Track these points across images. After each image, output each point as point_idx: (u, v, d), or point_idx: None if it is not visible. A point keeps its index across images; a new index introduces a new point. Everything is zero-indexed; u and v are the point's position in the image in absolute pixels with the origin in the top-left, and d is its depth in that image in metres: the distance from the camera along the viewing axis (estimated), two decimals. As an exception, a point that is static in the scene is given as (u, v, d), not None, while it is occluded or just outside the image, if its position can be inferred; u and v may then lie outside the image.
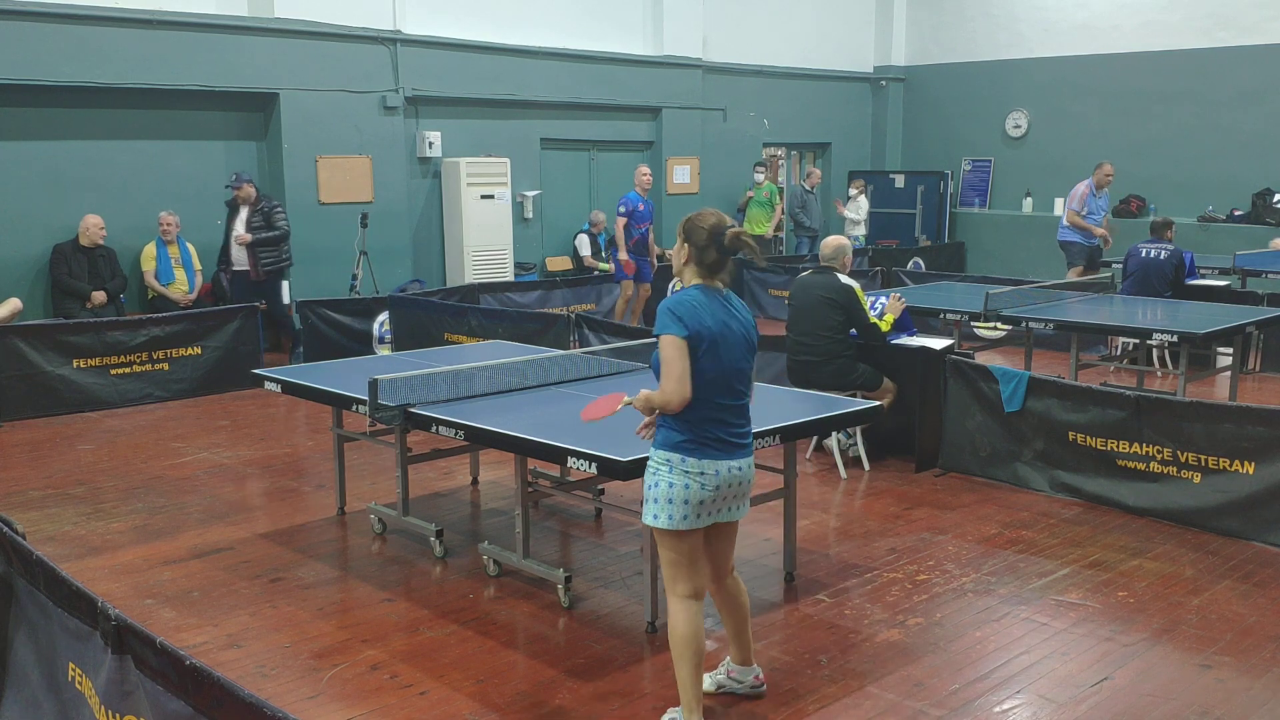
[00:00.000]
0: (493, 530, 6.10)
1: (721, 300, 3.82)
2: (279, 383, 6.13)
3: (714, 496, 3.81)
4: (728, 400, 3.80)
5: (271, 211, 10.44)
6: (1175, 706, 4.13)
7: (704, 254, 3.79)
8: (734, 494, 3.89)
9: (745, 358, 3.86)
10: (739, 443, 3.86)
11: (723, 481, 3.82)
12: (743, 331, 3.84)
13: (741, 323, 3.85)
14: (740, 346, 3.82)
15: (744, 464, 3.88)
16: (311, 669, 4.45)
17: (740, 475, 3.87)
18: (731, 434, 3.83)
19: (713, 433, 3.79)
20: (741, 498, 3.94)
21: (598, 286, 12.52)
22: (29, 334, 8.73)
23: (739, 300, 3.94)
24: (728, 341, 3.77)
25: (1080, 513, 6.34)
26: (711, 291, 3.82)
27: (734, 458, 3.84)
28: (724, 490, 3.84)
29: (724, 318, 3.79)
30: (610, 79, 14.07)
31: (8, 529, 3.51)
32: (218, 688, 2.43)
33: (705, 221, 3.80)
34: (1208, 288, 10.24)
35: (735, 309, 3.87)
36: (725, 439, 3.82)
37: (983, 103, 16.87)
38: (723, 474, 3.81)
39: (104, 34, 10.11)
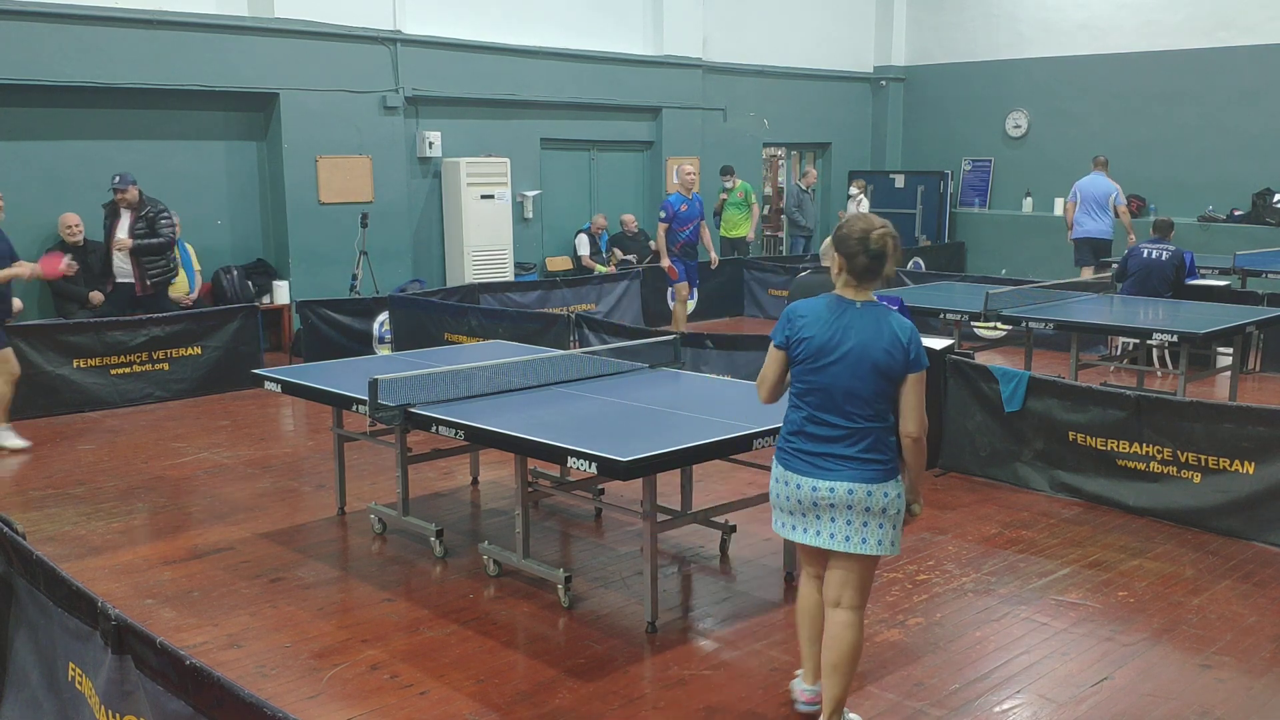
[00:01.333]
0: (493, 530, 6.10)
1: (851, 312, 3.64)
2: (279, 383, 6.13)
3: (800, 510, 3.72)
4: (826, 416, 3.65)
5: (157, 217, 9.43)
6: (1175, 706, 4.13)
7: (853, 261, 3.64)
8: (820, 515, 3.68)
9: (862, 378, 3.59)
10: (827, 465, 3.65)
11: (805, 498, 3.69)
12: (860, 350, 3.58)
13: (864, 340, 3.58)
14: (856, 366, 3.59)
15: (838, 486, 3.63)
16: (311, 669, 4.45)
17: (833, 498, 3.64)
18: (815, 451, 3.67)
19: (803, 445, 3.71)
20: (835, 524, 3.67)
21: (598, 286, 12.52)
22: (29, 334, 8.73)
23: (886, 314, 3.64)
24: (840, 357, 3.60)
25: (1080, 513, 6.34)
26: (840, 302, 3.67)
27: (821, 477, 3.65)
28: (812, 509, 3.69)
29: (843, 331, 3.61)
30: (610, 79, 14.07)
31: (8, 529, 3.51)
32: (218, 688, 2.43)
33: (854, 229, 3.65)
34: (1208, 288, 10.23)
35: (867, 323, 3.61)
36: (804, 454, 3.69)
37: (983, 103, 16.87)
38: (804, 490, 3.68)
39: (104, 34, 10.11)
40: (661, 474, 4.66)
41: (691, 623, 4.97)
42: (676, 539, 5.84)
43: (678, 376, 6.11)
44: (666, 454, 4.46)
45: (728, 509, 5.40)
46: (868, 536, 3.67)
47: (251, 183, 11.55)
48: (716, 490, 6.49)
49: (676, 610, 5.10)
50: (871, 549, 3.69)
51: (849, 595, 3.76)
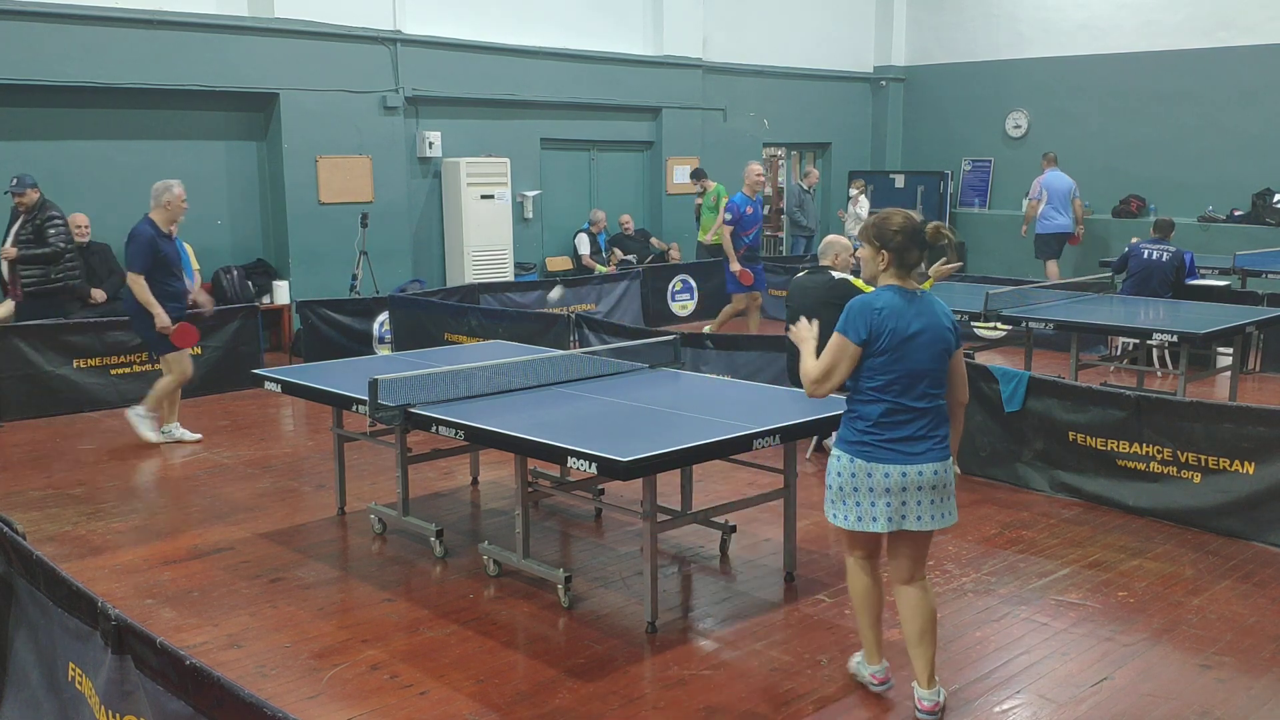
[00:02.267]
0: (493, 530, 6.10)
1: (916, 301, 3.87)
2: (279, 383, 6.13)
3: (889, 500, 3.86)
4: (912, 403, 3.84)
5: (45, 224, 8.80)
6: (1175, 706, 4.13)
7: (905, 255, 3.88)
8: (917, 499, 3.87)
9: (937, 359, 3.85)
10: (918, 449, 3.85)
11: (894, 485, 3.85)
12: (932, 333, 3.84)
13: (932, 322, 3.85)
14: (931, 348, 3.84)
15: (925, 469, 3.86)
16: (311, 669, 4.45)
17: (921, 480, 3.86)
18: (901, 437, 3.84)
19: (893, 434, 3.85)
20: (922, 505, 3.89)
21: (598, 286, 12.52)
22: (29, 334, 8.73)
23: (934, 297, 3.95)
24: (919, 342, 3.82)
25: (1080, 513, 6.34)
26: (903, 292, 3.88)
27: (913, 461, 3.84)
28: (901, 494, 3.86)
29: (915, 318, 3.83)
30: (610, 79, 14.07)
31: (8, 529, 3.51)
32: (218, 688, 2.43)
33: (895, 223, 3.87)
34: (1208, 288, 10.24)
35: (927, 308, 3.88)
36: (890, 443, 3.84)
37: (983, 103, 16.86)
38: (894, 478, 3.84)
39: (104, 34, 10.11)
40: (661, 474, 4.66)
41: (691, 623, 4.97)
42: (676, 539, 5.84)
43: (678, 376, 6.11)
44: (666, 454, 4.46)
45: (728, 509, 5.40)
46: (947, 512, 3.95)
47: (251, 183, 11.55)
48: (716, 490, 6.49)
49: (676, 610, 5.10)
50: (950, 521, 3.97)
51: (920, 569, 4.04)
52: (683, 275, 13.30)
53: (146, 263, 7.49)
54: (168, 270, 7.61)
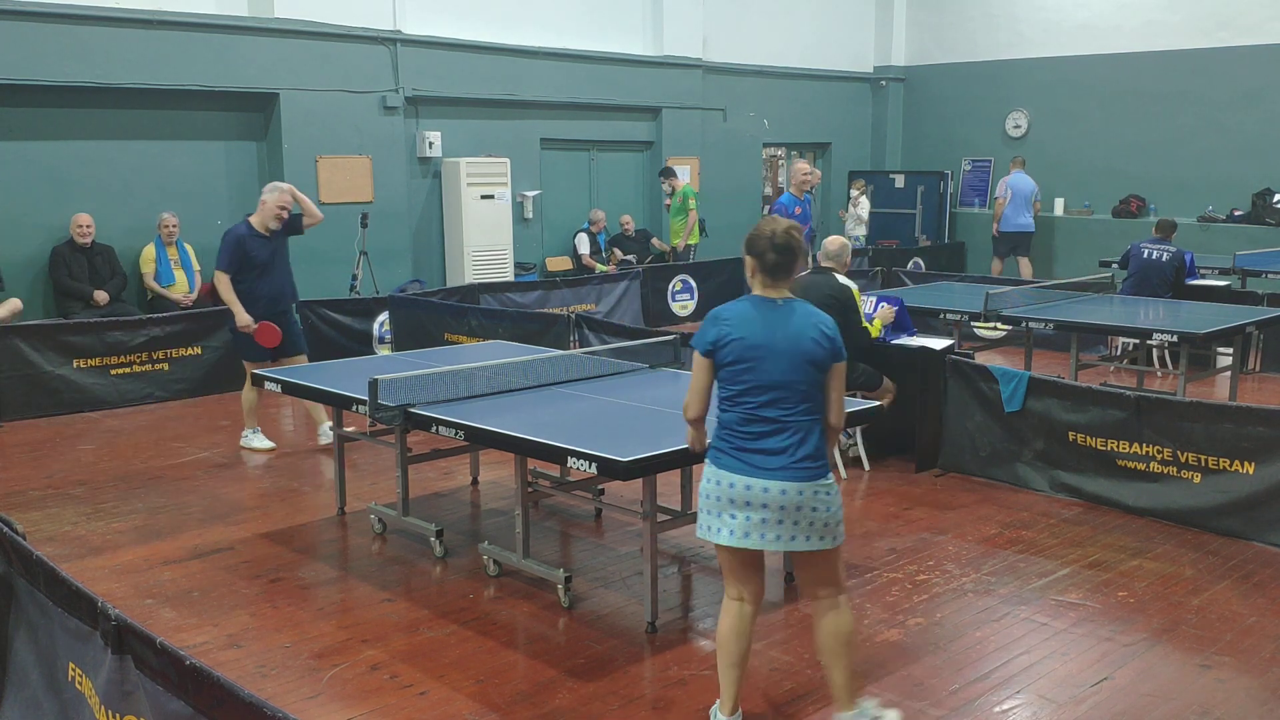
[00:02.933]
0: (493, 530, 6.10)
1: (773, 309, 3.74)
2: (279, 383, 6.13)
3: (734, 511, 3.69)
4: (763, 413, 3.67)
5: None
6: (1175, 706, 4.13)
7: (764, 260, 3.76)
8: (765, 518, 3.66)
9: (794, 371, 3.67)
10: (768, 463, 3.66)
11: (738, 498, 3.68)
12: (788, 344, 3.67)
13: (791, 334, 3.69)
14: (785, 360, 3.66)
15: (771, 486, 3.65)
16: (311, 669, 4.45)
17: (766, 498, 3.65)
18: (755, 449, 3.68)
19: (741, 444, 3.71)
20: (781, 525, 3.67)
21: (598, 286, 12.52)
22: (29, 334, 8.73)
23: (806, 308, 3.80)
24: (771, 353, 3.67)
25: (1080, 513, 6.34)
26: (761, 301, 3.77)
27: (759, 476, 3.66)
28: (745, 509, 3.68)
29: (770, 328, 3.69)
30: (610, 79, 14.07)
31: (8, 529, 3.51)
32: (218, 688, 2.43)
33: (763, 230, 3.78)
34: (1208, 288, 10.24)
35: (789, 319, 3.72)
36: (745, 454, 3.69)
37: (983, 103, 16.86)
38: (738, 489, 3.68)
39: (104, 34, 10.11)
40: (661, 474, 4.66)
41: (691, 623, 4.97)
42: (676, 539, 5.84)
43: (678, 376, 6.10)
44: (666, 454, 4.46)
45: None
46: (823, 534, 3.72)
47: (251, 183, 11.53)
48: (716, 490, 6.48)
49: (676, 610, 5.10)
50: (828, 543, 3.74)
51: (824, 588, 3.83)
52: (683, 275, 13.31)
53: (229, 262, 7.45)
54: (256, 271, 7.50)
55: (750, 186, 16.51)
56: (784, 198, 10.47)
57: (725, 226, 15.61)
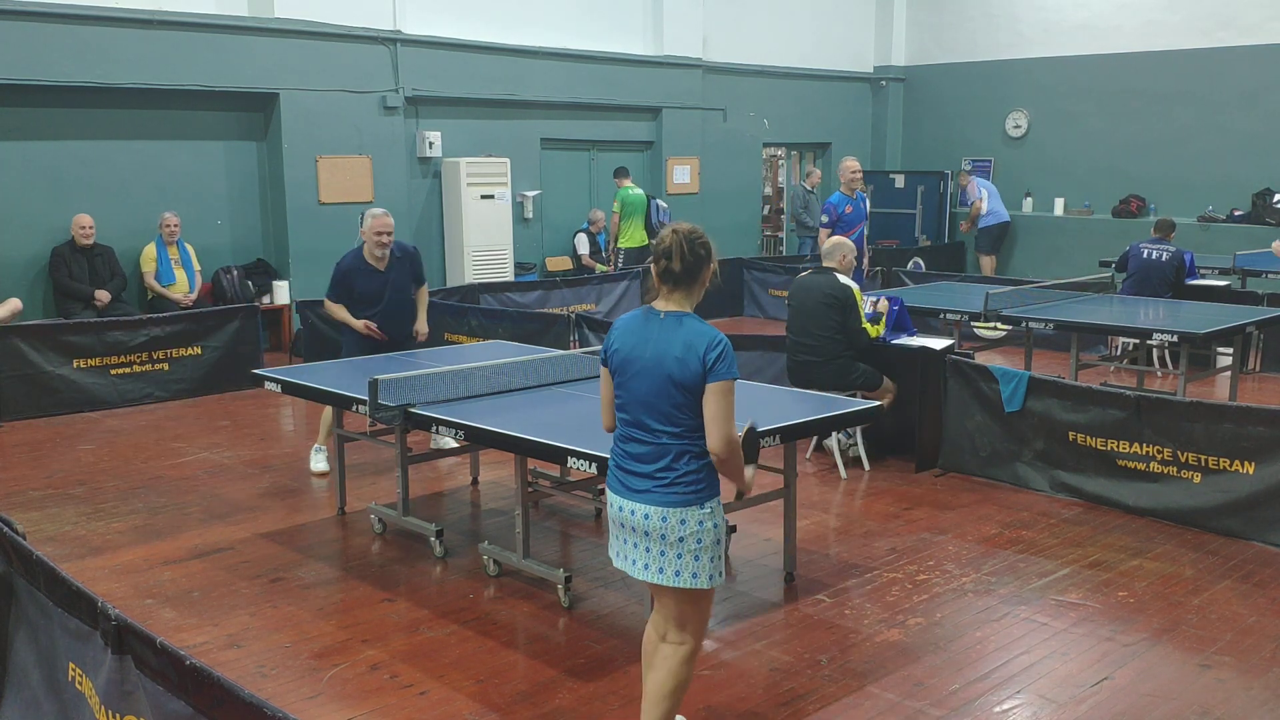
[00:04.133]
0: (493, 530, 6.10)
1: (653, 322, 3.46)
2: (279, 383, 6.13)
3: (617, 532, 3.57)
4: (630, 432, 3.49)
5: None
6: (1175, 706, 4.13)
7: (656, 267, 3.50)
8: (631, 540, 3.49)
9: (656, 389, 3.38)
10: (633, 484, 3.47)
11: (613, 516, 3.55)
12: (654, 360, 3.38)
13: (658, 349, 3.38)
14: (648, 376, 3.40)
15: (636, 509, 3.44)
16: (311, 669, 4.45)
17: (633, 520, 3.45)
18: (625, 469, 3.51)
19: (615, 461, 3.57)
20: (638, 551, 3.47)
21: (598, 286, 12.52)
22: (29, 334, 8.73)
23: (681, 320, 3.42)
24: (639, 369, 3.43)
25: (1080, 513, 6.34)
26: (646, 312, 3.51)
27: (623, 496, 3.49)
28: (619, 530, 3.55)
29: (643, 342, 3.43)
30: (610, 79, 14.06)
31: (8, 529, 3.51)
32: (218, 688, 2.43)
33: (661, 235, 3.50)
34: (1208, 288, 10.24)
35: (661, 333, 3.41)
36: (619, 471, 3.54)
37: (983, 103, 16.86)
38: (613, 508, 3.55)
39: (104, 34, 10.11)
40: (661, 474, 4.64)
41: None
42: (676, 539, 5.83)
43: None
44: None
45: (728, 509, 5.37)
46: (665, 566, 3.43)
47: (251, 183, 11.55)
48: (716, 490, 6.48)
49: (676, 610, 5.09)
50: (669, 579, 3.43)
51: (671, 630, 3.55)
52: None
53: (336, 293, 6.95)
54: (364, 304, 6.92)
55: (750, 186, 16.51)
56: (834, 196, 10.35)
57: (725, 227, 15.62)
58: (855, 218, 10.08)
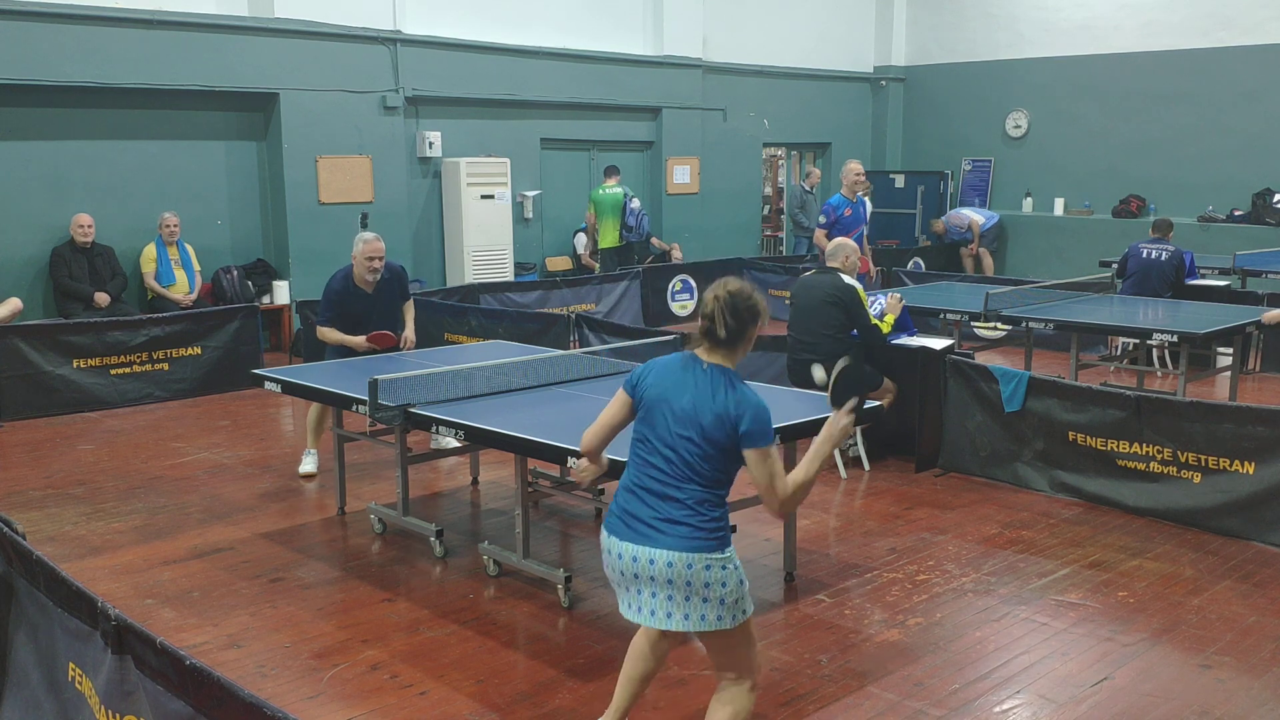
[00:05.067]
0: (493, 530, 6.10)
1: (698, 373, 3.39)
2: (279, 383, 6.13)
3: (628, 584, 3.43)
4: (644, 475, 3.40)
5: None
6: (1175, 706, 4.13)
7: (701, 323, 3.46)
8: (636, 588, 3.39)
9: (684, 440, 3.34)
10: (640, 529, 3.36)
11: (612, 563, 3.43)
12: (689, 410, 3.34)
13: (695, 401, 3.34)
14: (682, 424, 3.35)
15: (640, 554, 3.33)
16: (311, 669, 4.45)
17: (636, 568, 3.35)
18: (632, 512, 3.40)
19: (620, 502, 3.46)
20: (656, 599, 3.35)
21: (598, 286, 12.52)
22: (29, 334, 8.73)
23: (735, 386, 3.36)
24: (672, 412, 3.38)
25: (1080, 513, 6.34)
26: (688, 359, 3.45)
27: (629, 540, 3.37)
28: (619, 578, 3.43)
29: (680, 387, 3.38)
30: (610, 79, 14.06)
31: (8, 529, 3.51)
32: (218, 688, 2.43)
33: (711, 291, 3.45)
34: (1208, 288, 10.24)
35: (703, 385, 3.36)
36: (625, 516, 3.42)
37: (983, 103, 16.86)
38: (612, 553, 3.43)
39: (104, 34, 10.11)
40: (661, 474, 4.64)
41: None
42: (676, 539, 5.83)
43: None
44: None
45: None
46: (691, 612, 3.34)
47: (251, 183, 11.55)
48: (716, 490, 6.48)
49: (676, 610, 5.09)
50: (695, 625, 3.34)
51: (724, 674, 3.49)
52: (683, 275, 13.30)
53: (328, 317, 6.94)
54: (351, 325, 6.93)
55: (750, 186, 16.51)
56: (835, 198, 10.28)
57: (725, 227, 15.63)
58: (854, 221, 10.02)
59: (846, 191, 10.16)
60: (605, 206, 13.26)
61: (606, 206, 13.25)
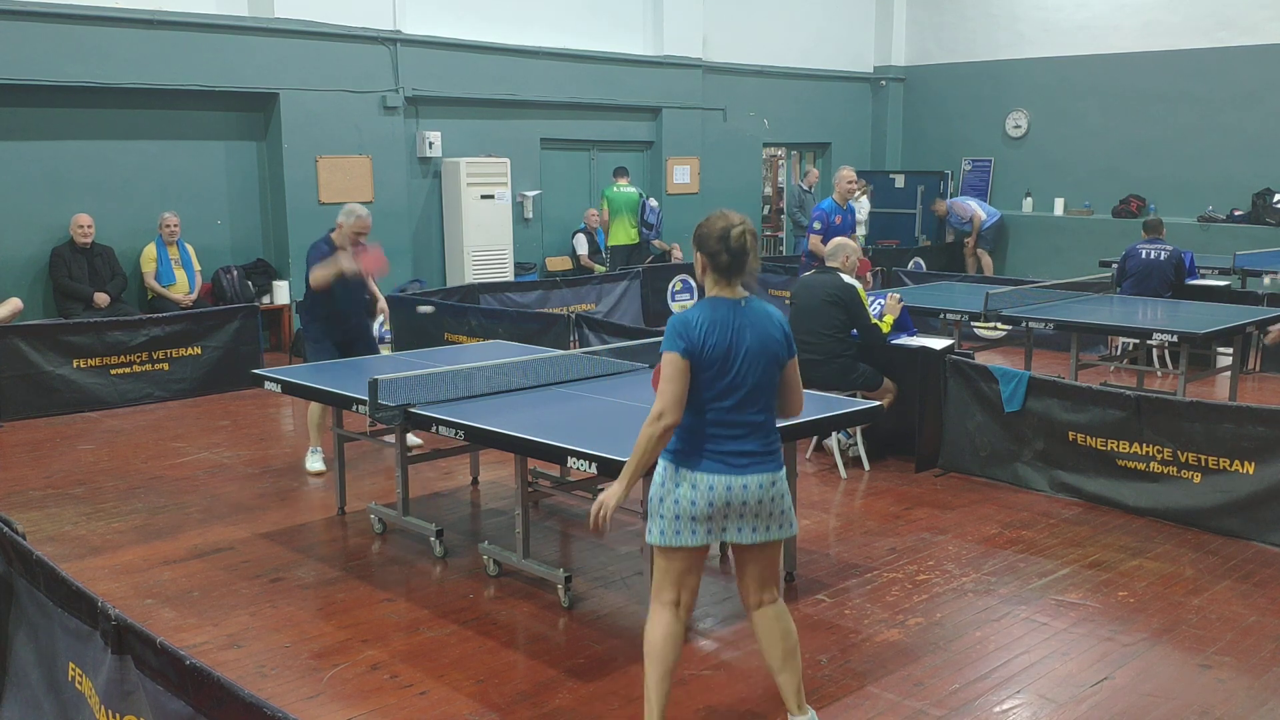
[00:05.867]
0: (493, 530, 6.10)
1: (738, 311, 3.62)
2: (279, 383, 6.13)
3: (710, 513, 3.63)
4: (738, 416, 3.62)
5: None
6: (1175, 706, 4.13)
7: (717, 260, 3.61)
8: (741, 513, 3.65)
9: (765, 371, 3.64)
10: (743, 462, 3.63)
11: (718, 499, 3.61)
12: (759, 345, 3.61)
13: (760, 334, 3.61)
14: (759, 360, 3.61)
15: (750, 481, 3.63)
16: (311, 669, 4.45)
17: (745, 495, 3.63)
18: (737, 449, 3.63)
19: (716, 447, 3.63)
20: (756, 518, 3.67)
21: (597, 286, 12.52)
22: (29, 334, 8.73)
23: (764, 306, 3.71)
24: (749, 356, 3.59)
25: (1080, 513, 6.34)
26: (724, 303, 3.63)
27: (739, 474, 3.62)
28: (724, 509, 3.63)
29: (740, 330, 3.60)
30: (610, 79, 14.07)
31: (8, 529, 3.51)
32: (218, 688, 2.43)
33: (713, 226, 3.62)
34: (1208, 288, 10.24)
35: (754, 319, 3.63)
36: (727, 456, 3.62)
37: (983, 103, 16.86)
38: (718, 490, 3.61)
39: (104, 34, 10.11)
40: (661, 474, 4.64)
41: (692, 623, 4.95)
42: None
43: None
44: (666, 454, 4.44)
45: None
46: (784, 523, 3.75)
47: (251, 183, 11.55)
48: (716, 490, 6.48)
49: (676, 610, 5.09)
50: (787, 532, 3.77)
51: (770, 591, 3.83)
52: (683, 275, 13.30)
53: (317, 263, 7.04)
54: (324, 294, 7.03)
55: (750, 186, 16.51)
56: (826, 202, 10.28)
57: (725, 226, 15.57)
58: (844, 228, 10.00)
59: (838, 198, 10.14)
60: (619, 205, 13.49)
61: (621, 205, 13.49)
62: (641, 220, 13.67)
